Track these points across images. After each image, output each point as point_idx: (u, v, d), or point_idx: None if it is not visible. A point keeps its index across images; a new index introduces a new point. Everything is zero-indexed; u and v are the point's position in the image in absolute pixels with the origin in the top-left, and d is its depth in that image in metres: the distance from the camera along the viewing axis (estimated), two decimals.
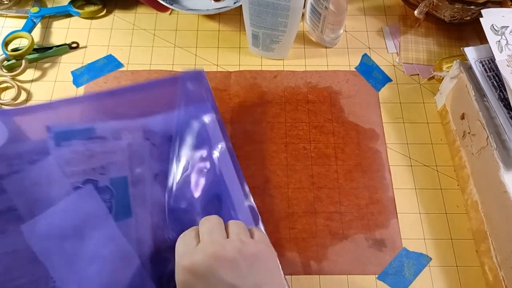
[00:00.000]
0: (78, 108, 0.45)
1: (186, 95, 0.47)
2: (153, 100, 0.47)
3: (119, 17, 0.62)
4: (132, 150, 0.42)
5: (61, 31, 0.60)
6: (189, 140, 0.45)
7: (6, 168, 0.39)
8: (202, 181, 0.44)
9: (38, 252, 0.37)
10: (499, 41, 0.46)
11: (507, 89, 0.44)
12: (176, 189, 0.43)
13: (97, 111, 0.45)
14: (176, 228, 0.41)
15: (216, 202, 0.43)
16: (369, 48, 0.60)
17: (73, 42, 0.59)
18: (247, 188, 0.45)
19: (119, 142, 0.42)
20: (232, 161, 0.46)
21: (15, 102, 0.54)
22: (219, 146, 0.46)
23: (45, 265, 0.37)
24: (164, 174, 0.43)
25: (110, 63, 0.58)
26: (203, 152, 0.45)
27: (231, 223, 0.37)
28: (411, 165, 0.51)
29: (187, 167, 0.45)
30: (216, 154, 0.46)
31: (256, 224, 0.44)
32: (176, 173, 0.44)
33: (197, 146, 0.45)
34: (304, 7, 0.51)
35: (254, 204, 0.45)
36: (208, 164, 0.45)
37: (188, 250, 0.34)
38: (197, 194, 0.44)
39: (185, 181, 0.44)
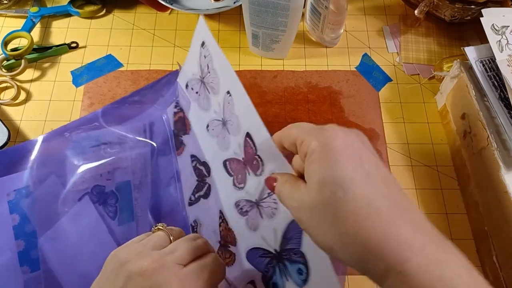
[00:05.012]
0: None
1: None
2: (150, 100, 0.51)
3: (118, 17, 0.62)
4: (135, 153, 0.45)
5: (61, 31, 0.60)
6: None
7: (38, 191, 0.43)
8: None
9: (50, 263, 0.41)
10: (499, 40, 0.46)
11: (507, 88, 0.43)
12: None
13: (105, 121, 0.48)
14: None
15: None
16: (369, 47, 0.60)
17: (73, 42, 0.59)
18: None
19: (123, 145, 0.45)
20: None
21: (15, 102, 0.54)
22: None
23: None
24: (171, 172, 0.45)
25: (109, 63, 0.58)
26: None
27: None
28: (412, 165, 0.51)
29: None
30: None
31: None
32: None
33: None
34: (304, 7, 0.51)
35: None
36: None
37: None
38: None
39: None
